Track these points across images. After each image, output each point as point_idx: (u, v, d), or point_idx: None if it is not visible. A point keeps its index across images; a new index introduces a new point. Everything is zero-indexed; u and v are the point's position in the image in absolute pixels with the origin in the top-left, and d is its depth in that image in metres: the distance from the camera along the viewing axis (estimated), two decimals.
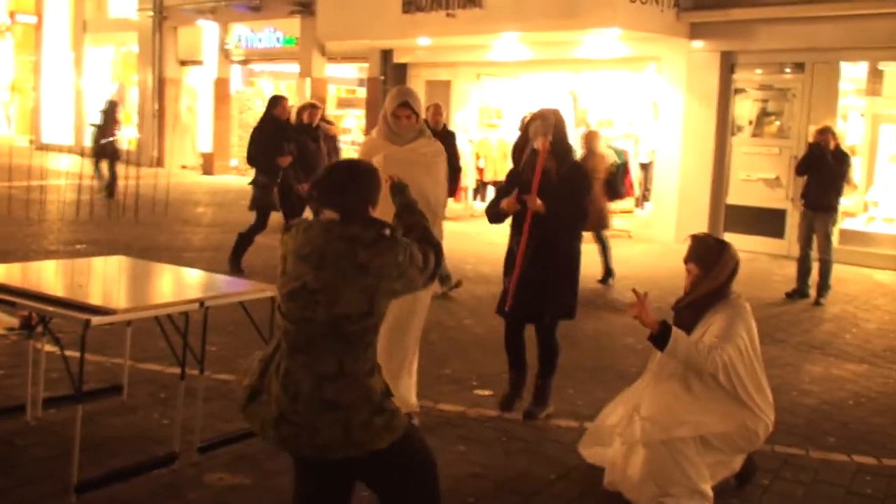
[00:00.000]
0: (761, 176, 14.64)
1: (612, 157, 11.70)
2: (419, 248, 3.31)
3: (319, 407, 3.10)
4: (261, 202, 10.86)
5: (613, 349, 7.80)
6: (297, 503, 3.40)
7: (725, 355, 4.53)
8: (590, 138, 11.54)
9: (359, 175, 3.30)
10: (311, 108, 11.68)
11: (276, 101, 11.19)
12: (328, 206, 3.22)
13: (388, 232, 3.22)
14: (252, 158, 11.16)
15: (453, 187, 10.56)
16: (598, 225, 10.83)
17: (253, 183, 11.04)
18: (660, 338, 4.50)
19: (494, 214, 6.05)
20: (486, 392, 6.42)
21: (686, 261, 4.88)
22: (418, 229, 3.54)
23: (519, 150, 6.11)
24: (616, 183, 11.56)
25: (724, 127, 15.07)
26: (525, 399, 6.06)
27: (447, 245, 12.31)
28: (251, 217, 10.90)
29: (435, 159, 5.59)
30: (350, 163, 3.48)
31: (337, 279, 3.09)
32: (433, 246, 3.44)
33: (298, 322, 3.15)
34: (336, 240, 3.12)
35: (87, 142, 18.80)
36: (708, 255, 4.80)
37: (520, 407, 6.01)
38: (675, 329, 4.53)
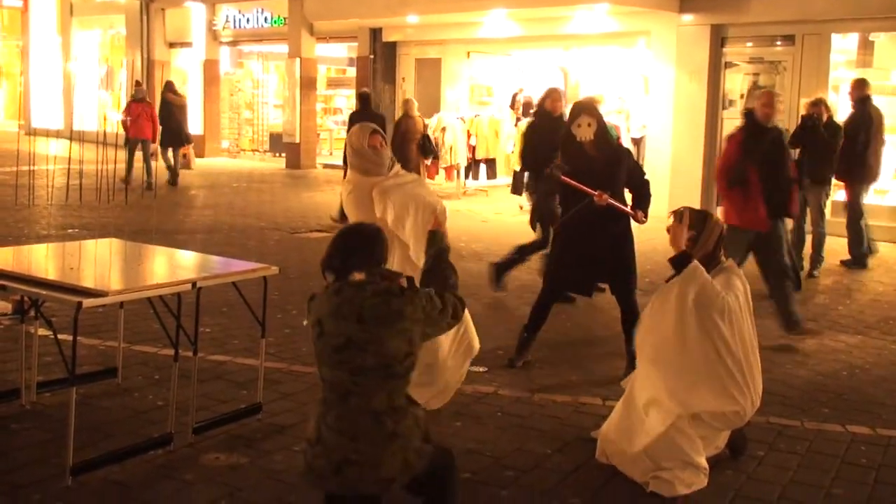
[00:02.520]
0: None
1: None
2: (438, 295, 3.68)
3: (382, 440, 3.42)
4: (544, 211, 8.79)
5: (605, 323, 7.80)
6: None
7: (730, 299, 4.63)
8: (407, 105, 14.68)
9: (371, 238, 3.72)
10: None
11: (550, 93, 9.32)
12: (356, 269, 3.60)
13: (406, 282, 3.63)
14: (529, 162, 9.65)
15: None
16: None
17: (528, 190, 9.71)
18: (679, 262, 4.66)
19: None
20: (481, 369, 6.42)
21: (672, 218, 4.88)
22: (438, 280, 3.94)
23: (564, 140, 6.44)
24: None
25: (716, 101, 15.04)
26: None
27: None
28: (244, 199, 10.79)
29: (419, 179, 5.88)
30: (358, 228, 3.90)
31: (380, 329, 3.44)
32: (451, 291, 3.86)
33: (351, 370, 3.45)
34: (371, 296, 3.48)
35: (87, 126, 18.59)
36: (695, 225, 4.81)
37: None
38: (695, 259, 4.67)
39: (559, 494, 4.44)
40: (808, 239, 10.59)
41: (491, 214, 15.12)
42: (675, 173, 15.19)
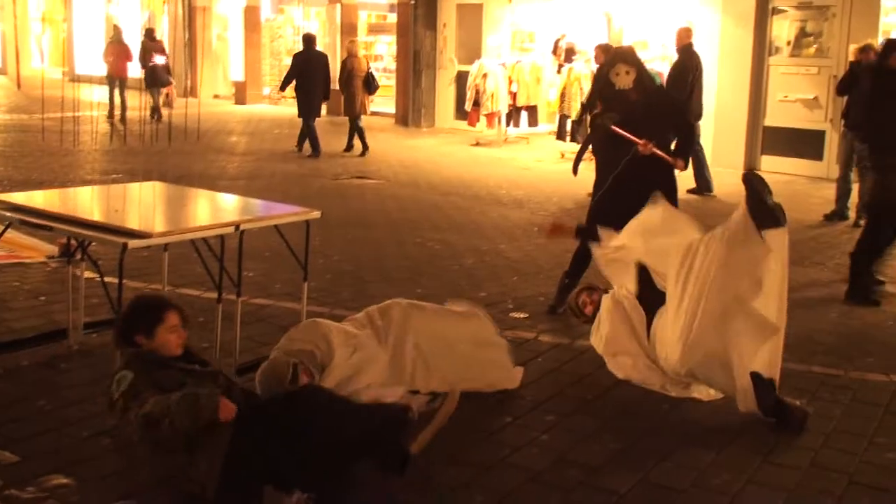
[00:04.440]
0: (800, 97, 14.37)
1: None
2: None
3: None
4: (888, 193, 7.19)
5: None
6: None
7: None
8: (351, 45, 16.25)
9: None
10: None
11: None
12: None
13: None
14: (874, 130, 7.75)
15: None
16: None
17: (874, 168, 7.71)
18: None
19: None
20: (522, 315, 6.43)
21: None
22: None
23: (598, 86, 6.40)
24: None
25: (762, 48, 14.76)
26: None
27: (481, 171, 12.27)
28: (285, 146, 10.80)
29: None
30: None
31: None
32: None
33: None
34: None
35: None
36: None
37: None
38: None
39: (600, 439, 4.45)
40: (855, 188, 10.43)
41: (532, 162, 15.04)
42: (718, 122, 14.96)
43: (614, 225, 6.43)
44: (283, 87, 16.16)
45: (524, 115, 17.44)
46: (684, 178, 10.78)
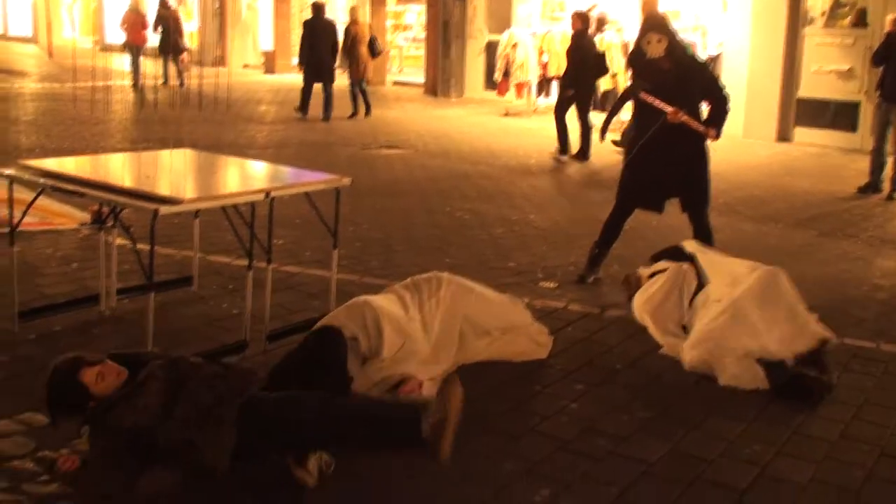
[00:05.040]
0: (834, 68, 14.20)
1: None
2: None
3: None
4: None
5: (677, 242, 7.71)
6: None
7: None
8: (353, 12, 16.93)
9: None
10: None
11: None
12: None
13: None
14: None
15: None
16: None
17: None
18: None
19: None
20: (551, 284, 6.41)
21: None
22: None
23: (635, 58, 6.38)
24: None
25: (796, 17, 14.58)
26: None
27: (511, 141, 12.22)
28: (314, 115, 10.78)
29: None
30: None
31: None
32: None
33: None
34: None
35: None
36: None
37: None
38: None
39: (629, 408, 4.44)
40: (890, 160, 10.30)
41: None
42: (751, 93, 14.81)
43: (643, 194, 6.40)
44: (300, 61, 16.17)
45: (554, 84, 17.32)
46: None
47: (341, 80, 16.75)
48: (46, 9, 29.70)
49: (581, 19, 12.43)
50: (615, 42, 15.32)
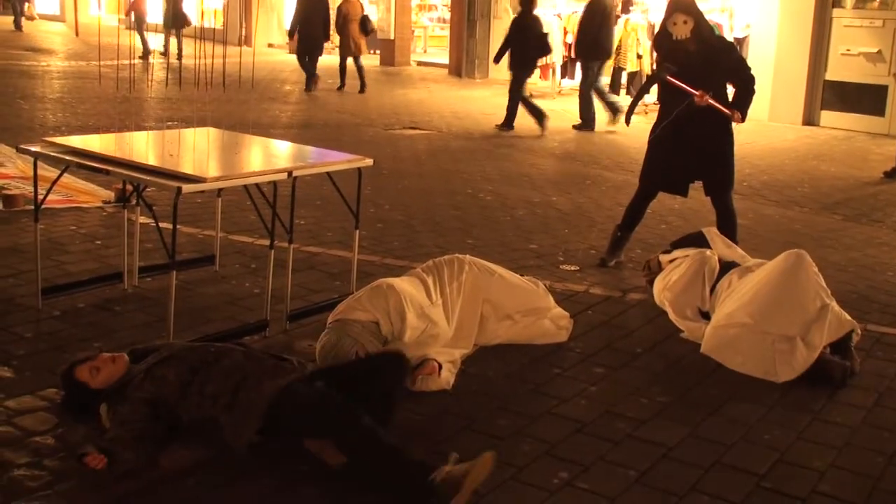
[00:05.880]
0: (863, 50, 14.04)
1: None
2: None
3: None
4: None
5: (699, 226, 7.67)
6: None
7: None
8: None
9: None
10: None
11: None
12: None
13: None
14: None
15: None
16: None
17: None
18: None
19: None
20: (572, 267, 6.40)
21: None
22: None
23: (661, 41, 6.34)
24: None
25: (825, 0, 14.42)
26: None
27: (535, 122, 12.03)
28: (337, 96, 10.78)
29: None
30: None
31: None
32: None
33: None
34: None
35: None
36: None
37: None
38: None
39: (648, 392, 4.43)
40: None
41: None
42: (778, 76, 14.68)
43: (666, 177, 6.37)
44: (290, 34, 17.23)
45: (579, 66, 17.22)
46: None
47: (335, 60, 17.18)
48: None
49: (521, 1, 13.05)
50: (641, 23, 15.21)
